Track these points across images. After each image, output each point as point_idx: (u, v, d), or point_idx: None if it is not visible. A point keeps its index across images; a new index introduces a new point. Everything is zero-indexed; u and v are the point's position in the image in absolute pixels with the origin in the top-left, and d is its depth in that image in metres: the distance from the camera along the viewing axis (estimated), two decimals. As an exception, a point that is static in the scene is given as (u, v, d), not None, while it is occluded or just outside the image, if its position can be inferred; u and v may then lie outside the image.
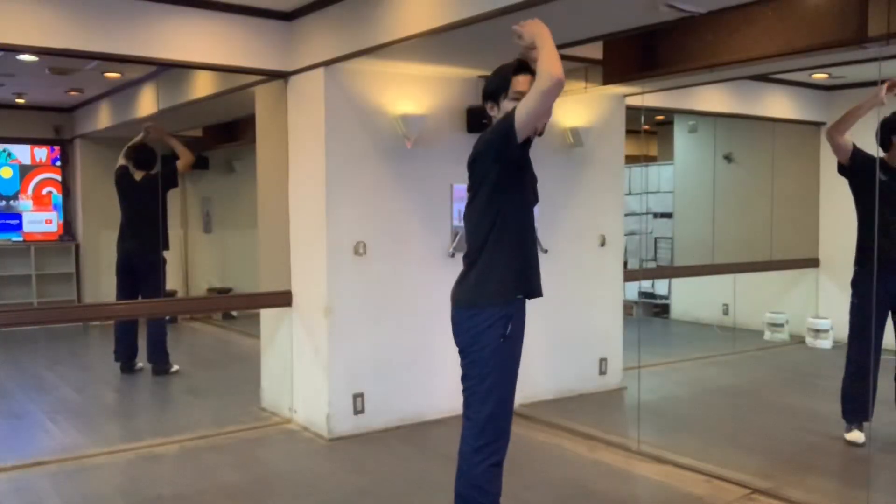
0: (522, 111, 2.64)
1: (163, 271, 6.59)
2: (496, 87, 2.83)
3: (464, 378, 2.89)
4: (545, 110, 2.67)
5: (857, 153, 4.50)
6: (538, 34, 2.65)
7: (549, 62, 2.57)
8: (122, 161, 6.68)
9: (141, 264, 6.47)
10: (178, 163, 6.75)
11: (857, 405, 4.47)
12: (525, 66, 2.79)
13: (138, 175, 6.60)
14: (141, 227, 6.54)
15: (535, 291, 2.90)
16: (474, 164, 2.84)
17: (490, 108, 2.87)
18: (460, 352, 2.90)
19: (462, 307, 2.87)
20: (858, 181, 4.52)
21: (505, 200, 2.80)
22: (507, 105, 2.77)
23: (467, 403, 2.88)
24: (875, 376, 4.33)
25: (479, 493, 2.82)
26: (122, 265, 6.53)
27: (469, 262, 2.89)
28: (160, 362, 6.49)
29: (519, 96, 2.72)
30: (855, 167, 4.51)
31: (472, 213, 2.88)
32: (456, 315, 2.90)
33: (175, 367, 6.55)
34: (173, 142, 6.82)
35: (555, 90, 2.58)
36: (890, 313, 4.56)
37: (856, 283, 4.61)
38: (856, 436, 4.49)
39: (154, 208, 6.53)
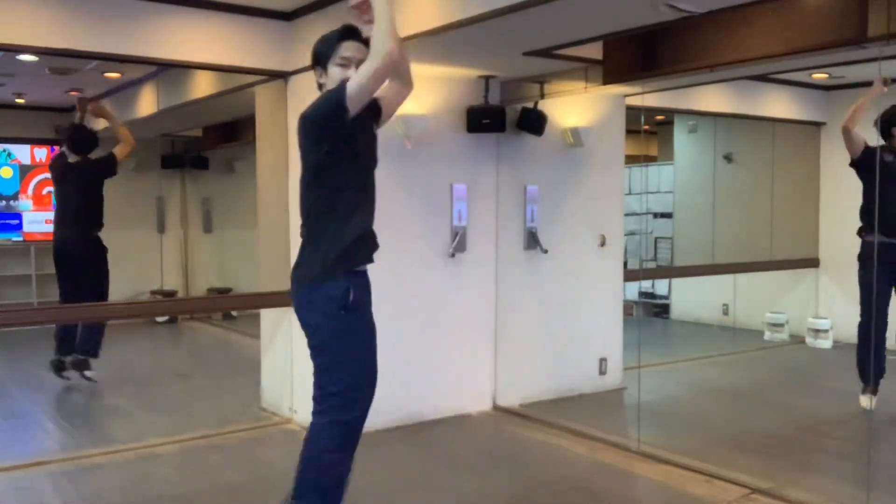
0: (354, 86, 2.57)
1: (105, 262, 6.00)
2: (322, 52, 2.78)
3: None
4: (376, 88, 2.62)
5: (869, 151, 4.82)
6: (376, 6, 2.60)
7: (381, 38, 2.53)
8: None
9: (78, 255, 5.88)
10: (116, 148, 6.04)
11: (867, 369, 4.88)
12: (352, 31, 2.76)
13: (73, 159, 5.99)
14: (76, 216, 5.92)
15: (370, 258, 2.92)
16: (303, 135, 2.73)
17: (319, 76, 2.80)
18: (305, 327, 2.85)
19: (302, 284, 2.81)
20: (869, 174, 4.82)
21: (333, 173, 2.73)
22: (333, 71, 2.73)
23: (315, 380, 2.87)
24: (882, 343, 4.77)
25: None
26: (59, 258, 5.96)
27: (303, 238, 2.82)
28: (89, 353, 5.88)
29: (345, 62, 2.71)
30: (864, 163, 4.83)
31: (301, 186, 2.79)
32: (297, 295, 2.83)
33: (91, 373, 5.91)
34: (113, 123, 6.22)
35: (386, 69, 2.56)
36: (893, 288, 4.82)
37: (861, 257, 4.94)
38: (865, 401, 4.87)
39: (91, 197, 5.94)
